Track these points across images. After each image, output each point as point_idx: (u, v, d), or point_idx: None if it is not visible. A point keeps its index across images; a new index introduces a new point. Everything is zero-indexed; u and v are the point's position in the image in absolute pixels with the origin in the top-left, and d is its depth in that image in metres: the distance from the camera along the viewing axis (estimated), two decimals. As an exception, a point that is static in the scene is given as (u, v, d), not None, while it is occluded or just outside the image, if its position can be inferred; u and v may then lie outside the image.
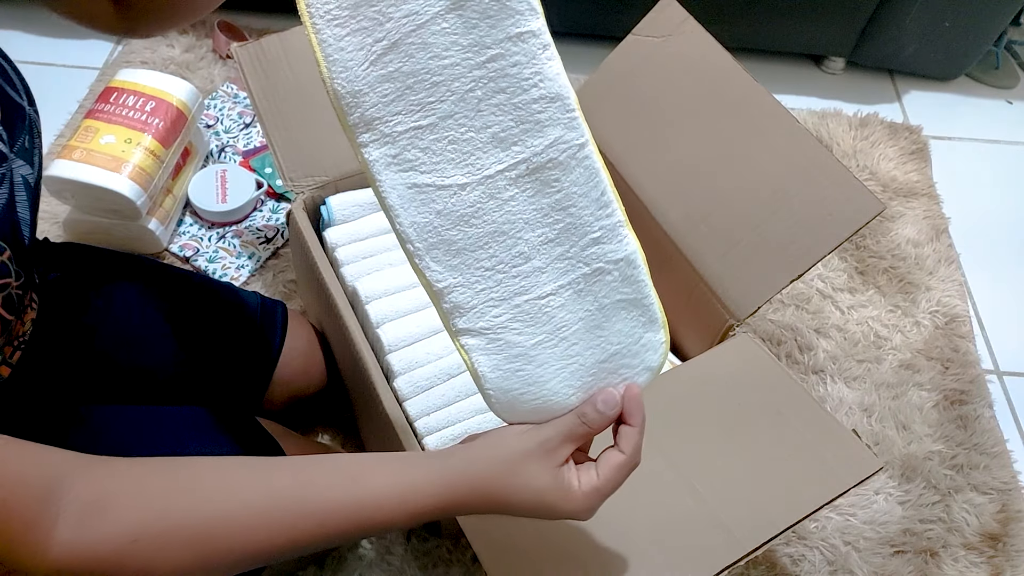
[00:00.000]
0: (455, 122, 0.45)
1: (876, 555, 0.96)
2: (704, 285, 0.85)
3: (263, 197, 1.23)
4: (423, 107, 0.45)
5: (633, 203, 0.92)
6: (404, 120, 0.45)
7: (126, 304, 0.76)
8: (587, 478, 0.49)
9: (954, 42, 1.50)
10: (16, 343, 0.59)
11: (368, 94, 0.44)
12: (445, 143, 0.46)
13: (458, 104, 0.45)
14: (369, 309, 0.84)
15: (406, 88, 0.44)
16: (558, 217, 0.47)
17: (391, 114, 0.45)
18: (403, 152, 0.46)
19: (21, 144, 0.51)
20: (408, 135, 0.45)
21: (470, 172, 0.46)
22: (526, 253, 0.48)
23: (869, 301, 1.22)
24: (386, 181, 0.46)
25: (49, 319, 0.65)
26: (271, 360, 0.84)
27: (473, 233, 0.47)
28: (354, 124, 0.45)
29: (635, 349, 0.51)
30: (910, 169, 1.42)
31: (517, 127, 0.46)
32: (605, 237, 0.48)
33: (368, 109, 0.45)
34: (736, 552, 0.65)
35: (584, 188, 0.47)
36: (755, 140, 0.84)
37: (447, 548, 0.91)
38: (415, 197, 0.46)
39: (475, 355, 0.49)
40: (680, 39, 0.90)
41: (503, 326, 0.48)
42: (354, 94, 0.45)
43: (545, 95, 0.46)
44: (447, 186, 0.46)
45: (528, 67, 0.45)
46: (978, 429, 1.09)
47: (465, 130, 0.46)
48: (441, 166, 0.46)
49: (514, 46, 0.44)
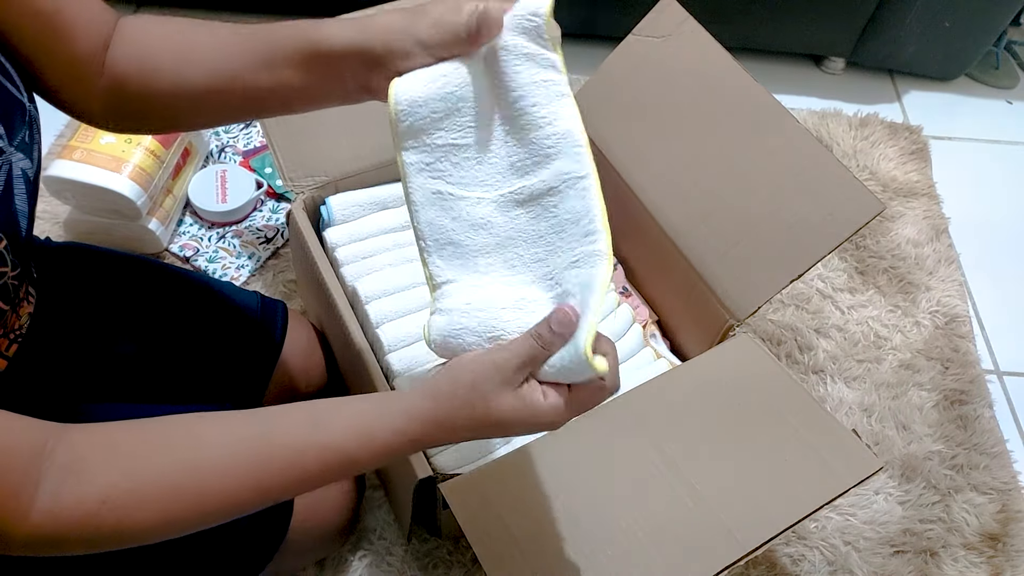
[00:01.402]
0: (486, 148, 0.53)
1: (876, 555, 0.96)
2: (704, 285, 0.85)
3: (263, 197, 1.23)
4: (463, 129, 0.53)
5: (633, 203, 0.92)
6: (445, 136, 0.53)
7: (126, 304, 0.76)
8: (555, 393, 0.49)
9: (954, 42, 1.50)
10: (12, 336, 0.59)
11: (423, 107, 0.52)
12: (473, 162, 0.54)
13: (490, 132, 0.53)
14: (369, 309, 0.84)
15: (454, 110, 0.52)
16: (550, 239, 0.52)
17: (436, 128, 0.53)
18: (437, 162, 0.53)
19: (21, 138, 0.52)
20: (444, 149, 0.53)
21: (489, 189, 0.54)
22: (518, 267, 0.53)
23: (869, 301, 1.22)
24: (415, 182, 0.54)
25: (48, 316, 0.65)
26: (271, 360, 0.84)
27: (479, 241, 0.54)
28: (403, 130, 0.53)
29: None
30: (910, 169, 1.42)
31: (531, 158, 0.52)
32: (581, 262, 0.51)
33: (419, 119, 0.52)
34: (736, 552, 0.65)
35: (576, 216, 0.51)
36: (755, 140, 0.84)
37: (447, 549, 0.91)
38: (436, 201, 0.54)
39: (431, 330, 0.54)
40: (680, 39, 0.90)
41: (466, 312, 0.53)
42: (412, 103, 0.52)
43: (556, 132, 0.51)
44: (466, 197, 0.53)
45: (545, 107, 0.51)
46: (978, 429, 1.09)
47: (491, 155, 0.53)
48: (465, 180, 0.54)
49: (536, 89, 0.52)
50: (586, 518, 0.66)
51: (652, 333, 0.95)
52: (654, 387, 0.77)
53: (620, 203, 0.94)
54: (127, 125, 0.60)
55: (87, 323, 0.73)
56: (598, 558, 0.64)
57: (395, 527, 0.92)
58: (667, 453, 0.70)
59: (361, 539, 0.91)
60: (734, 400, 0.76)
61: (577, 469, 0.69)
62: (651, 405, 0.75)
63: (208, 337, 0.80)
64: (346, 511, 0.82)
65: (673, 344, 0.97)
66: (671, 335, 0.97)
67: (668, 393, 0.77)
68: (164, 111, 0.58)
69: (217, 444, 0.47)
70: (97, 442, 0.45)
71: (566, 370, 0.48)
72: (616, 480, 0.69)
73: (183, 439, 0.47)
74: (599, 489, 0.68)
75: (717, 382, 0.78)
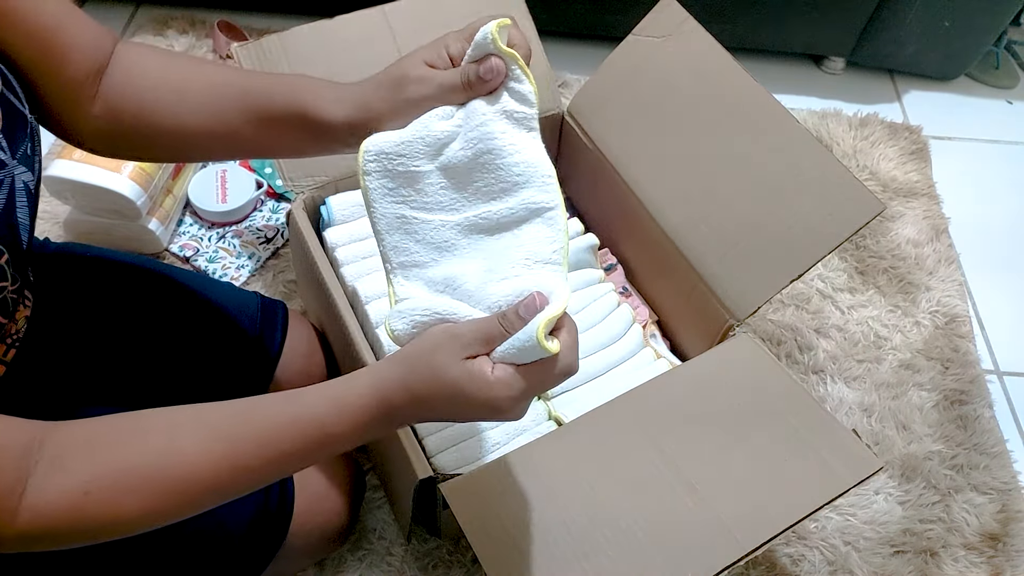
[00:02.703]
0: (448, 174, 0.54)
1: (876, 555, 0.96)
2: (704, 285, 0.85)
3: (263, 197, 1.23)
4: (426, 155, 0.54)
5: (633, 203, 0.92)
6: (407, 163, 0.54)
7: (125, 304, 0.76)
8: (503, 367, 0.48)
9: (954, 42, 1.50)
10: (10, 341, 0.59)
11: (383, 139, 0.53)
12: (436, 188, 0.54)
13: (454, 158, 0.53)
14: (369, 309, 0.84)
15: (418, 138, 0.53)
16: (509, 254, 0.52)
17: (398, 155, 0.53)
18: (399, 188, 0.54)
19: (23, 151, 0.52)
20: (407, 175, 0.54)
21: (454, 213, 0.54)
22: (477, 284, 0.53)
23: (869, 301, 1.22)
24: (380, 207, 0.55)
25: (45, 319, 0.65)
26: (271, 360, 0.84)
27: (443, 262, 0.54)
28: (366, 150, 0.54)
29: None
30: (910, 169, 1.42)
31: (497, 184, 0.53)
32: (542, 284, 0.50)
33: (382, 144, 0.53)
34: (736, 552, 0.65)
35: (539, 245, 0.52)
36: (755, 140, 0.84)
37: (447, 549, 0.91)
38: (400, 225, 0.55)
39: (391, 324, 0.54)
40: (680, 39, 0.90)
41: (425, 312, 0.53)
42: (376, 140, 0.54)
43: (524, 160, 0.52)
44: (428, 220, 0.54)
45: (511, 135, 0.52)
46: (978, 429, 1.09)
47: (457, 181, 0.54)
48: (429, 205, 0.54)
49: (505, 120, 0.52)
50: (586, 518, 0.66)
51: (652, 333, 0.95)
52: (654, 387, 0.77)
53: (620, 203, 0.94)
54: (113, 151, 0.61)
55: (84, 326, 0.73)
56: (598, 558, 0.64)
57: (395, 527, 0.92)
58: (667, 453, 0.70)
59: (361, 539, 0.91)
60: (734, 400, 0.76)
61: (577, 469, 0.69)
62: (651, 405, 0.75)
63: (208, 339, 0.80)
64: (345, 513, 0.82)
65: (673, 344, 0.97)
66: (671, 335, 0.97)
67: (668, 393, 0.77)
68: (155, 145, 0.60)
69: (193, 428, 0.48)
70: (79, 436, 0.46)
71: (516, 350, 0.48)
72: (616, 480, 0.69)
73: (160, 427, 0.48)
74: (599, 489, 0.68)
75: (717, 382, 0.78)
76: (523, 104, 0.53)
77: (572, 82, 1.49)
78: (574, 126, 0.98)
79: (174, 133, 0.58)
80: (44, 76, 0.53)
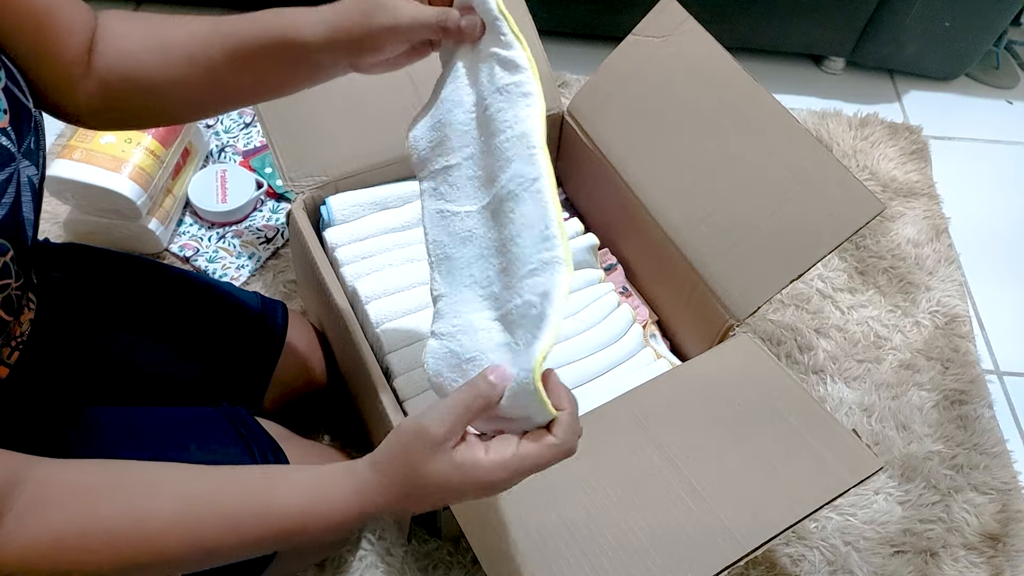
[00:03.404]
0: (473, 162, 0.55)
1: (876, 555, 0.96)
2: (704, 285, 0.85)
3: (263, 197, 1.23)
4: (452, 151, 0.56)
5: (633, 203, 0.92)
6: (441, 160, 0.56)
7: (126, 305, 0.76)
8: (500, 447, 0.47)
9: (954, 42, 1.50)
10: (14, 344, 0.59)
11: (422, 140, 0.57)
12: (464, 179, 0.55)
13: (474, 148, 0.55)
14: (369, 309, 0.84)
15: (444, 136, 0.56)
16: (510, 247, 0.51)
17: (434, 156, 0.57)
18: (439, 186, 0.57)
19: (28, 145, 0.52)
20: (442, 172, 0.56)
21: (476, 202, 0.55)
22: (491, 277, 0.53)
23: (869, 301, 1.22)
24: (426, 206, 0.58)
25: (48, 319, 0.65)
26: (271, 360, 0.84)
27: (466, 253, 0.55)
28: (415, 163, 0.58)
29: None
30: (910, 169, 1.42)
31: (495, 164, 0.52)
32: (539, 270, 0.49)
33: (422, 152, 0.58)
34: (736, 552, 0.65)
35: (531, 220, 0.50)
36: (755, 140, 0.84)
37: (448, 550, 0.91)
38: (439, 221, 0.57)
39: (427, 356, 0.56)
40: (680, 39, 0.90)
41: (452, 336, 0.55)
42: (416, 139, 0.58)
43: (514, 135, 0.51)
44: (457, 212, 0.55)
45: (508, 111, 0.51)
46: (978, 429, 1.09)
47: (477, 169, 0.55)
48: (458, 196, 0.56)
49: (500, 96, 0.52)
50: (586, 518, 0.66)
51: (652, 333, 0.95)
52: (654, 387, 0.77)
53: (620, 203, 0.94)
54: (112, 123, 0.61)
55: (87, 327, 0.73)
56: (598, 558, 0.64)
57: (395, 528, 0.92)
58: (667, 453, 0.70)
59: (361, 540, 0.91)
60: (734, 400, 0.76)
61: (577, 469, 0.69)
62: (651, 405, 0.75)
63: (208, 338, 0.80)
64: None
65: (673, 344, 0.97)
66: (671, 335, 0.97)
67: (668, 393, 0.77)
68: (149, 107, 0.59)
69: (171, 494, 0.47)
70: (61, 484, 0.45)
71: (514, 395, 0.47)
72: (616, 480, 0.69)
73: (139, 487, 0.47)
74: (599, 489, 0.68)
75: (717, 382, 0.78)
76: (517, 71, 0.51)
77: (572, 82, 1.49)
78: (574, 126, 0.98)
79: (165, 90, 0.57)
80: (40, 60, 0.53)
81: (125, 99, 0.57)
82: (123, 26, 0.57)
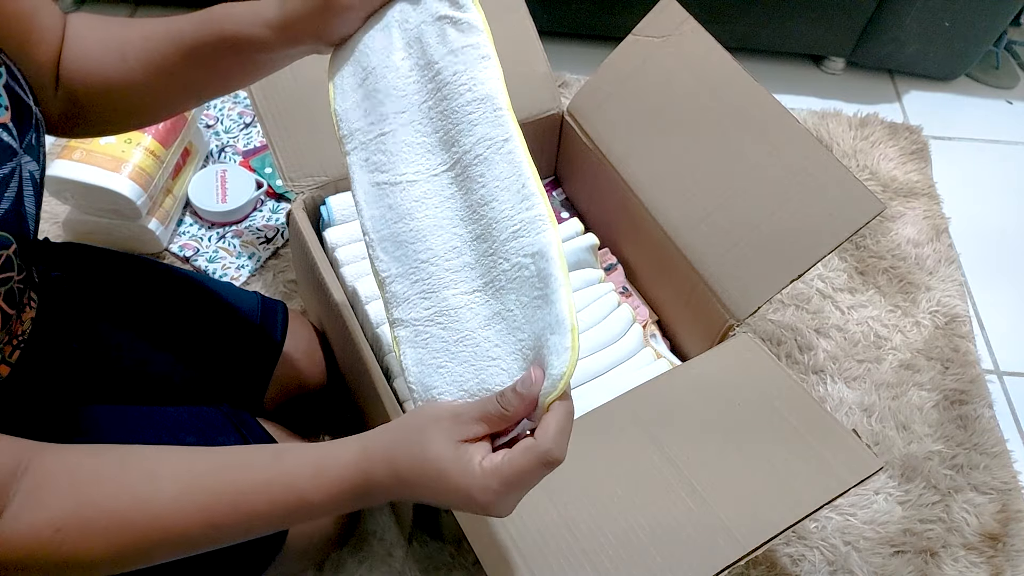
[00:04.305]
0: (412, 128, 0.52)
1: (876, 555, 0.96)
2: (704, 285, 0.85)
3: (263, 197, 1.23)
4: (387, 118, 0.53)
5: (633, 203, 0.92)
6: (374, 128, 0.54)
7: (126, 305, 0.76)
8: (492, 458, 0.45)
9: (954, 42, 1.50)
10: (15, 342, 0.59)
11: (353, 110, 0.55)
12: (401, 146, 0.52)
13: (414, 113, 0.52)
14: (369, 309, 0.84)
15: (378, 103, 0.53)
16: (483, 212, 0.49)
17: (367, 124, 0.54)
18: (372, 156, 0.54)
19: (29, 140, 0.52)
20: (376, 141, 0.53)
21: (419, 171, 0.52)
22: (459, 248, 0.50)
23: (869, 301, 1.22)
24: (357, 180, 0.54)
25: (49, 319, 0.65)
26: (271, 360, 0.84)
27: (415, 226, 0.51)
28: (343, 136, 0.55)
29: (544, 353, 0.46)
30: (910, 169, 1.42)
31: (454, 128, 0.50)
32: (524, 230, 0.47)
33: (353, 122, 0.55)
34: (736, 552, 0.65)
35: (506, 182, 0.48)
36: (755, 140, 0.84)
37: (449, 552, 0.90)
38: (375, 193, 0.53)
39: (404, 347, 0.51)
40: (680, 39, 0.90)
41: (430, 320, 0.50)
42: (345, 111, 0.55)
43: (476, 98, 0.49)
44: (398, 182, 0.52)
45: (464, 74, 0.50)
46: (978, 429, 1.09)
47: (418, 135, 0.52)
48: (396, 165, 0.52)
49: (455, 58, 0.50)
50: (586, 519, 0.66)
51: (652, 333, 0.95)
52: (654, 387, 0.77)
53: (620, 203, 0.94)
54: (77, 131, 0.61)
55: (88, 326, 0.73)
56: (599, 558, 0.64)
57: (396, 529, 0.92)
58: (667, 453, 0.70)
59: (362, 542, 0.91)
60: (734, 400, 0.76)
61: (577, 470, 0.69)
62: (651, 405, 0.75)
63: (208, 338, 0.80)
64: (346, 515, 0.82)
65: (673, 344, 0.97)
66: (671, 335, 0.97)
67: (668, 393, 0.77)
68: (112, 112, 0.59)
69: (173, 476, 0.47)
70: (63, 467, 0.45)
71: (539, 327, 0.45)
72: (616, 480, 0.69)
73: (139, 470, 0.47)
74: (599, 489, 0.68)
75: (717, 382, 0.78)
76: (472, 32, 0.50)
77: (572, 82, 1.49)
78: (574, 126, 0.98)
79: (125, 94, 0.57)
80: (21, 61, 0.52)
81: (87, 105, 0.57)
82: (82, 28, 0.57)
